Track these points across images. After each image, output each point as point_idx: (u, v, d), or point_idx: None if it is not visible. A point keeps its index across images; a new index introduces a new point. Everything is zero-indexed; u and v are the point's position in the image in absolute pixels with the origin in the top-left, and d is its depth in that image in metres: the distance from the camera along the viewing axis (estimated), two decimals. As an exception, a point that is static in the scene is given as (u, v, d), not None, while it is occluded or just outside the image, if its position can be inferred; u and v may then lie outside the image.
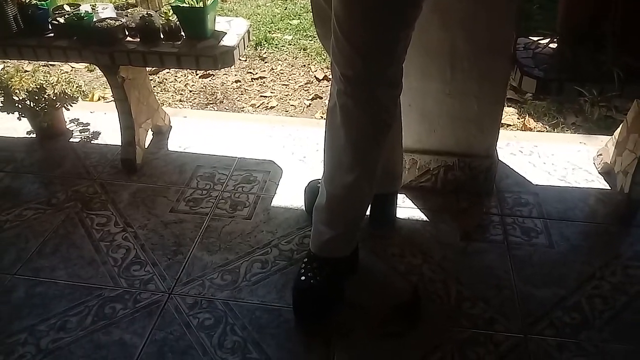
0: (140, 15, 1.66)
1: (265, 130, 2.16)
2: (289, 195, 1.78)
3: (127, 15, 1.72)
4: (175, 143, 2.07)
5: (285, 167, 1.92)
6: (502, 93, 1.59)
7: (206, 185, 1.84)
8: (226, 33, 1.72)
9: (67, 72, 2.77)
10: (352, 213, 1.34)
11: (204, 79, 2.78)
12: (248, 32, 1.77)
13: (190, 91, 2.70)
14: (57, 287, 1.47)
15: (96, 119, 2.23)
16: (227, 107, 2.57)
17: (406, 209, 1.70)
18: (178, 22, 1.68)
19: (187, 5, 1.63)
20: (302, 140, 2.07)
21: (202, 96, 2.66)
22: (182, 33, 1.70)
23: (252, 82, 2.75)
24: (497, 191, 1.76)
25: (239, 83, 2.74)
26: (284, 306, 1.39)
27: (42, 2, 1.78)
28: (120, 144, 1.94)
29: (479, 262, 1.50)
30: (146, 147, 2.00)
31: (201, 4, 1.64)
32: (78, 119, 2.21)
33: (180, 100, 2.63)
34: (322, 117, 2.45)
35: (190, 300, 1.42)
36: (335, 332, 1.32)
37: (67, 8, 1.81)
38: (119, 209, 1.74)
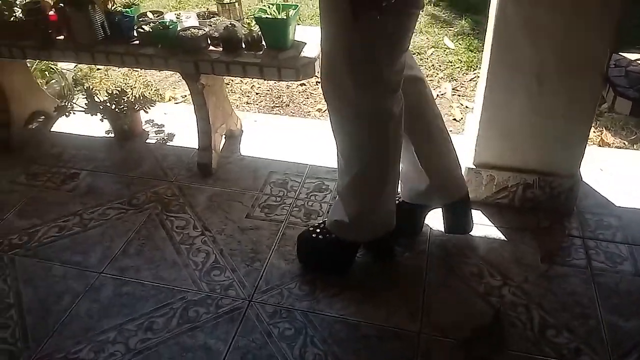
0: (224, 25, 1.70)
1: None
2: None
3: (210, 25, 1.76)
4: (248, 147, 2.11)
5: (356, 176, 1.93)
6: (592, 112, 1.54)
7: (280, 192, 1.87)
8: (306, 43, 1.73)
9: (139, 72, 2.85)
10: (355, 208, 1.46)
11: (269, 82, 2.81)
12: (327, 42, 1.78)
13: (257, 94, 2.74)
14: (143, 287, 1.52)
15: (170, 120, 2.29)
16: (292, 111, 2.60)
17: (482, 226, 1.68)
18: (260, 33, 1.71)
19: (270, 16, 1.66)
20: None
21: (268, 99, 2.69)
22: (263, 43, 1.73)
23: (317, 86, 2.76)
24: (578, 212, 1.72)
25: (304, 87, 2.76)
26: (362, 321, 1.40)
27: (127, 10, 1.85)
28: (194, 147, 1.99)
29: (562, 288, 1.46)
30: (220, 151, 2.05)
31: (283, 15, 1.66)
32: (153, 120, 2.28)
33: (247, 103, 2.67)
34: (388, 124, 2.44)
35: (270, 309, 1.45)
36: (417, 352, 1.32)
37: (150, 16, 1.87)
38: (196, 212, 1.79)
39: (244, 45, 1.72)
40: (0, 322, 1.43)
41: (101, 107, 2.03)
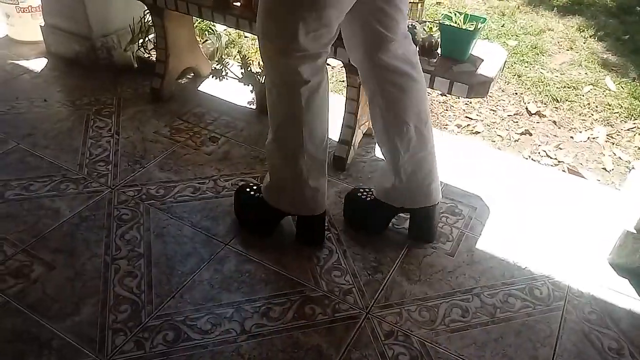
0: (403, 25, 1.62)
1: (471, 157, 2.05)
2: (496, 240, 1.67)
3: (387, 21, 1.69)
4: (382, 150, 2.05)
5: (493, 206, 1.81)
6: None
7: (410, 205, 1.79)
8: (483, 60, 1.62)
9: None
10: (271, 170, 1.53)
11: (409, 84, 2.72)
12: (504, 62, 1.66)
13: (395, 94, 2.66)
14: (265, 270, 1.52)
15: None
16: (429, 120, 2.49)
17: (629, 298, 1.51)
18: (439, 39, 1.62)
19: (455, 25, 1.56)
20: (510, 180, 1.93)
21: (405, 102, 2.60)
22: (438, 50, 1.64)
23: (458, 100, 2.64)
24: None
25: (445, 97, 2.64)
26: (484, 368, 1.31)
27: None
28: (331, 137, 1.95)
29: None
30: (357, 147, 2.00)
31: (471, 27, 1.56)
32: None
33: (384, 101, 2.60)
34: (530, 156, 2.27)
35: (386, 327, 1.39)
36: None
37: None
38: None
39: (418, 49, 1.64)
40: (129, 269, 1.48)
41: (256, 78, 2.04)
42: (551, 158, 2.27)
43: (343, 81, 2.63)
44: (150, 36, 2.38)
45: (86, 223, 1.61)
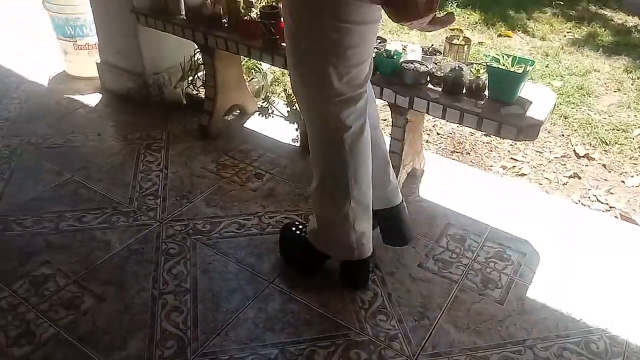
0: (452, 67, 1.63)
1: (518, 200, 2.01)
2: (547, 289, 1.61)
3: (435, 63, 1.70)
4: (427, 190, 2.03)
5: (543, 253, 1.75)
6: None
7: (456, 248, 1.76)
8: (532, 102, 1.60)
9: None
10: (317, 215, 1.53)
11: (452, 124, 2.71)
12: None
13: (438, 134, 2.65)
14: (309, 311, 1.50)
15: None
16: (473, 161, 2.47)
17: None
18: (486, 81, 1.62)
19: (504, 68, 1.56)
20: (560, 225, 1.87)
21: (448, 142, 2.59)
22: (486, 92, 1.64)
23: (502, 140, 2.60)
24: None
25: (489, 138, 2.61)
26: None
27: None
28: (377, 178, 1.95)
29: None
30: (401, 188, 1.99)
31: (519, 69, 1.55)
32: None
33: (427, 141, 2.59)
34: (580, 201, 2.21)
35: (434, 377, 1.35)
36: None
37: (374, 41, 1.86)
38: (369, 246, 1.75)
39: (464, 91, 1.64)
40: (176, 304, 1.50)
41: (300, 117, 2.08)
42: (602, 203, 2.20)
43: (385, 120, 2.65)
44: (199, 74, 2.46)
45: (135, 256, 1.64)
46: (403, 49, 1.77)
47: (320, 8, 1.19)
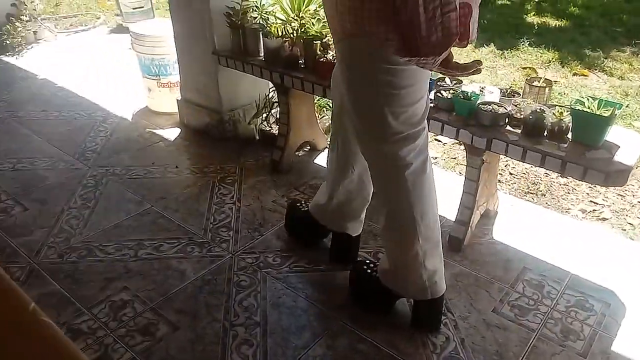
0: (532, 110, 1.60)
1: (600, 246, 1.91)
2: (635, 343, 1.50)
3: (515, 105, 1.67)
4: (501, 232, 1.96)
5: (629, 303, 1.64)
6: None
7: (534, 295, 1.68)
8: (620, 146, 1.53)
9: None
10: (388, 255, 1.54)
11: (525, 164, 2.63)
12: (643, 149, 1.56)
13: (511, 174, 2.58)
14: (378, 352, 1.47)
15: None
16: (548, 203, 2.37)
17: None
18: (569, 124, 1.57)
19: (590, 111, 1.51)
20: (654, 279, 1.75)
21: (522, 182, 2.51)
22: (569, 135, 1.58)
23: (581, 183, 2.49)
24: None
25: (566, 180, 2.51)
26: None
27: (429, 71, 1.87)
28: (446, 216, 1.92)
29: None
30: (474, 229, 1.94)
31: (604, 112, 1.50)
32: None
33: (499, 181, 2.52)
34: (668, 250, 2.06)
35: None
36: None
37: (447, 81, 1.86)
38: (442, 288, 1.70)
39: (546, 133, 1.59)
40: (246, 337, 1.51)
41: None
42: (694, 253, 2.04)
43: (455, 158, 2.61)
44: (273, 111, 2.54)
45: (208, 286, 1.68)
46: (480, 91, 1.76)
47: (368, 52, 1.23)
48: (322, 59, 1.99)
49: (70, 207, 2.07)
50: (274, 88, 2.37)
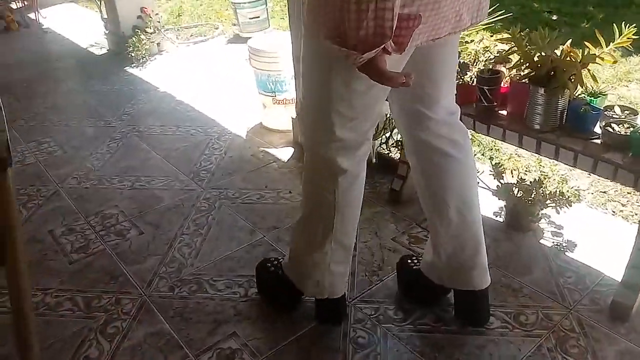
0: None
1: None
2: None
3: None
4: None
5: None
6: None
7: None
8: None
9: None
10: (293, 248, 1.54)
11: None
12: None
13: None
14: None
15: (575, 225, 1.88)
16: None
17: None
18: None
19: None
20: None
21: None
22: None
23: None
24: None
25: None
26: None
27: (592, 99, 1.55)
28: (600, 270, 1.60)
29: None
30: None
31: None
32: (550, 217, 1.94)
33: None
34: None
35: None
36: None
37: (618, 111, 1.52)
38: (601, 371, 1.38)
39: None
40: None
41: (511, 193, 1.80)
42: None
43: (605, 192, 2.22)
44: (394, 133, 2.32)
45: (322, 340, 1.51)
46: (665, 125, 1.41)
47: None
48: (459, 81, 1.74)
49: (183, 232, 2.01)
50: (396, 109, 2.15)
